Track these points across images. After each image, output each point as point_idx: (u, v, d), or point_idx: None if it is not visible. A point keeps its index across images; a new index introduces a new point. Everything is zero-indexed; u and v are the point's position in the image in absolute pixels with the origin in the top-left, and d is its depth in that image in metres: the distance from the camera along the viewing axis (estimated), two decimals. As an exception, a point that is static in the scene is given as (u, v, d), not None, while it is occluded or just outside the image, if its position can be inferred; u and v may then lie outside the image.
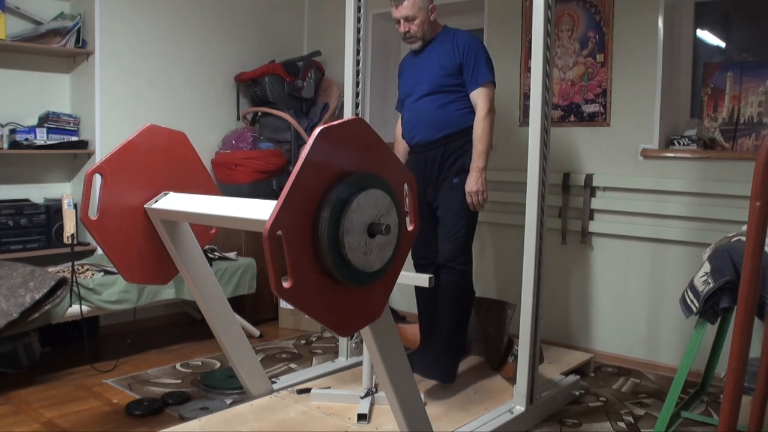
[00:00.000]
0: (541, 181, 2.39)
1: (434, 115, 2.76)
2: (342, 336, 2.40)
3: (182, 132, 2.21)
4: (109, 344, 3.53)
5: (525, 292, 2.44)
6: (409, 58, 2.95)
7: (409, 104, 2.87)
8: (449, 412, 2.50)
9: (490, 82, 2.73)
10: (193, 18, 4.05)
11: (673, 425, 2.49)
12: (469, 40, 2.75)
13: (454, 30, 2.85)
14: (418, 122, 2.81)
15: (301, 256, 1.44)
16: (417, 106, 2.82)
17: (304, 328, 3.93)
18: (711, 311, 2.19)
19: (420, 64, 2.84)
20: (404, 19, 2.77)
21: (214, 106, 4.22)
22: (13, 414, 2.60)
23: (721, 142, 3.19)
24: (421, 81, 2.81)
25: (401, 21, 2.79)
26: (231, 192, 3.81)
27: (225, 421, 2.36)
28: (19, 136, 3.39)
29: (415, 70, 2.86)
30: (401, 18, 2.77)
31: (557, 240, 3.51)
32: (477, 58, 2.71)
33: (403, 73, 2.95)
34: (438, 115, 2.75)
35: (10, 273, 2.85)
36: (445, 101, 2.75)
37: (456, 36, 2.78)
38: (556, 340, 3.55)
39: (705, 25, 3.30)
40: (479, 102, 2.71)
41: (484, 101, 2.70)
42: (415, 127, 2.82)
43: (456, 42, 2.75)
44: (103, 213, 1.97)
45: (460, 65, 2.73)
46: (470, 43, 2.74)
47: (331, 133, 1.49)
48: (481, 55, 2.73)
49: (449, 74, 2.74)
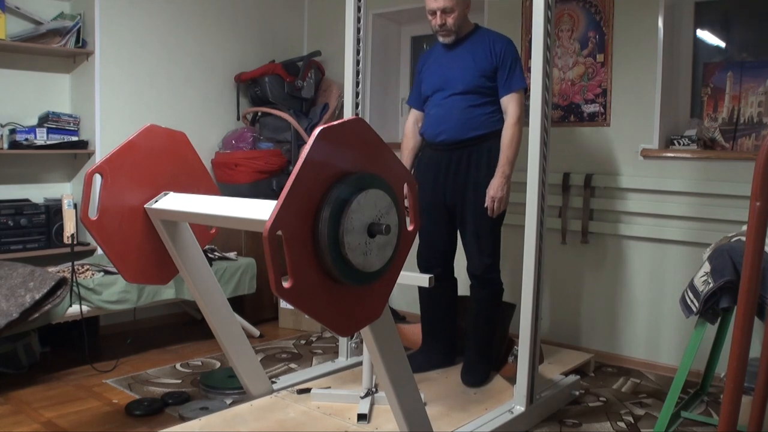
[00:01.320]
0: (541, 181, 2.39)
1: (467, 115, 2.69)
2: (342, 336, 2.39)
3: (182, 132, 2.20)
4: (109, 344, 3.53)
5: (525, 292, 2.44)
6: (437, 52, 2.84)
7: (438, 100, 2.77)
8: (449, 412, 2.50)
9: (523, 89, 2.68)
10: (194, 18, 4.05)
11: (673, 425, 2.49)
12: (507, 44, 2.70)
13: (489, 31, 2.80)
14: (448, 120, 2.72)
15: (301, 256, 1.44)
16: (448, 102, 2.73)
17: (304, 328, 3.93)
18: (711, 311, 2.19)
19: (453, 61, 2.75)
20: (441, 11, 2.66)
21: (214, 106, 4.22)
22: (13, 414, 2.60)
23: (721, 142, 3.19)
24: (455, 78, 2.72)
25: (437, 13, 2.67)
26: (231, 192, 3.81)
27: (225, 421, 2.36)
28: (19, 136, 3.39)
29: (447, 67, 2.76)
30: (438, 9, 2.66)
31: (557, 240, 3.51)
32: (513, 64, 2.67)
33: (431, 67, 2.84)
34: (471, 115, 2.69)
35: (10, 273, 2.85)
36: (478, 102, 2.69)
37: (493, 39, 2.72)
38: (556, 340, 3.55)
39: (705, 25, 3.30)
40: (510, 108, 2.66)
41: (515, 107, 2.65)
42: (443, 124, 2.73)
43: (493, 45, 2.69)
44: (103, 213, 1.97)
45: (496, 68, 2.68)
46: (508, 48, 2.69)
47: (331, 133, 1.49)
48: (517, 61, 2.69)
49: (484, 76, 2.68)
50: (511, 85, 2.67)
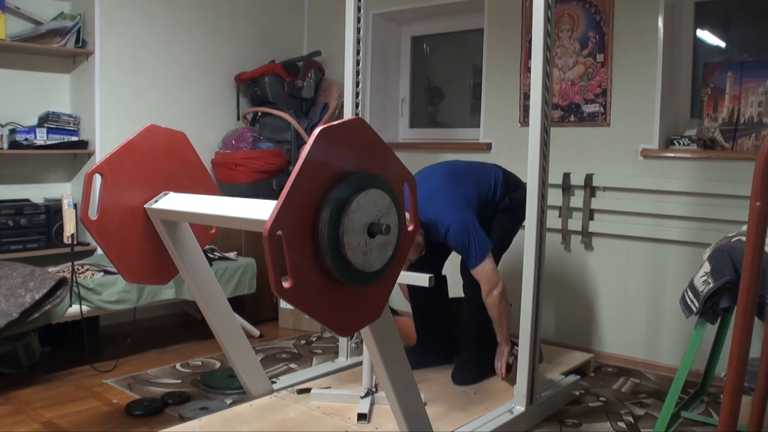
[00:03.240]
0: (541, 181, 2.39)
1: None
2: (342, 336, 2.39)
3: (182, 132, 2.20)
4: (109, 344, 3.53)
5: (525, 292, 2.44)
6: None
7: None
8: (449, 412, 2.50)
9: (484, 257, 2.60)
10: (194, 18, 4.05)
11: (673, 425, 2.49)
12: (450, 231, 2.60)
13: (434, 225, 2.65)
14: None
15: (301, 256, 1.44)
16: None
17: (304, 328, 3.93)
18: (711, 311, 2.19)
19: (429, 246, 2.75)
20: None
21: (214, 106, 4.22)
22: (13, 414, 2.60)
23: (721, 142, 3.19)
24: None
25: None
26: (231, 192, 3.81)
27: (225, 421, 2.36)
28: (19, 136, 3.39)
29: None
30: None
31: (557, 240, 3.51)
32: (466, 245, 2.60)
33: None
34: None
35: (10, 273, 2.85)
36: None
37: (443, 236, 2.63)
38: (557, 340, 3.55)
39: (705, 25, 3.30)
40: (481, 281, 2.62)
41: (484, 281, 2.61)
42: None
43: (447, 241, 2.64)
44: (103, 213, 1.97)
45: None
46: (453, 242, 2.63)
47: (331, 133, 1.49)
48: (469, 241, 2.59)
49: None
50: (472, 263, 2.61)
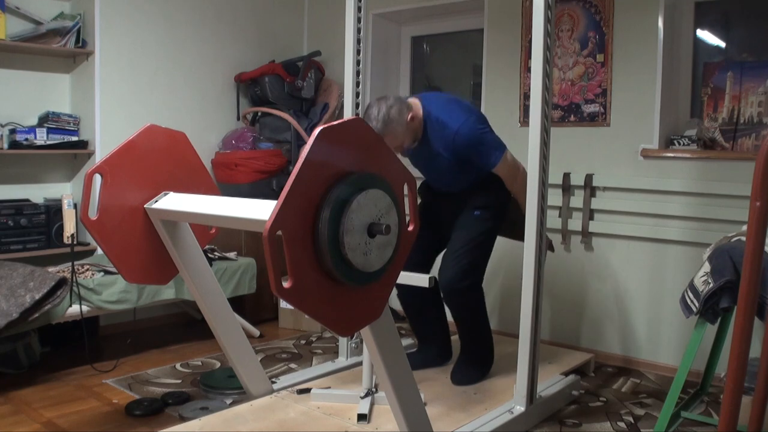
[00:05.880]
0: (541, 181, 2.39)
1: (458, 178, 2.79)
2: (342, 336, 2.39)
3: (182, 132, 2.20)
4: (109, 344, 3.53)
5: (525, 291, 2.44)
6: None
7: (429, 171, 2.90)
8: (449, 412, 2.50)
9: (500, 155, 2.67)
10: (193, 18, 4.05)
11: (673, 425, 2.49)
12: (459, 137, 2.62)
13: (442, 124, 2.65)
14: (441, 180, 2.87)
15: (301, 256, 1.44)
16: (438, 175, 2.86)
17: (304, 328, 3.93)
18: (711, 311, 2.19)
19: (425, 154, 2.76)
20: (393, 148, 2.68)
21: (214, 106, 4.22)
22: (13, 414, 2.60)
23: (721, 142, 3.19)
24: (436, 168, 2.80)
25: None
26: (231, 192, 3.81)
27: (225, 421, 2.36)
28: (19, 136, 3.39)
29: (423, 158, 2.81)
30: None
31: (557, 240, 3.51)
32: (478, 147, 2.64)
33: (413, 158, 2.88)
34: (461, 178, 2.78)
35: (10, 273, 2.85)
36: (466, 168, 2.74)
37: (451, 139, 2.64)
38: (557, 340, 3.55)
39: (705, 25, 3.30)
40: (501, 176, 2.72)
41: (504, 175, 2.72)
42: (439, 182, 2.89)
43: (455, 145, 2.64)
44: (103, 213, 1.97)
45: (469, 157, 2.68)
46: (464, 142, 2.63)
47: (331, 133, 1.49)
48: (481, 143, 2.64)
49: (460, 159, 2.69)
50: (489, 164, 2.68)
